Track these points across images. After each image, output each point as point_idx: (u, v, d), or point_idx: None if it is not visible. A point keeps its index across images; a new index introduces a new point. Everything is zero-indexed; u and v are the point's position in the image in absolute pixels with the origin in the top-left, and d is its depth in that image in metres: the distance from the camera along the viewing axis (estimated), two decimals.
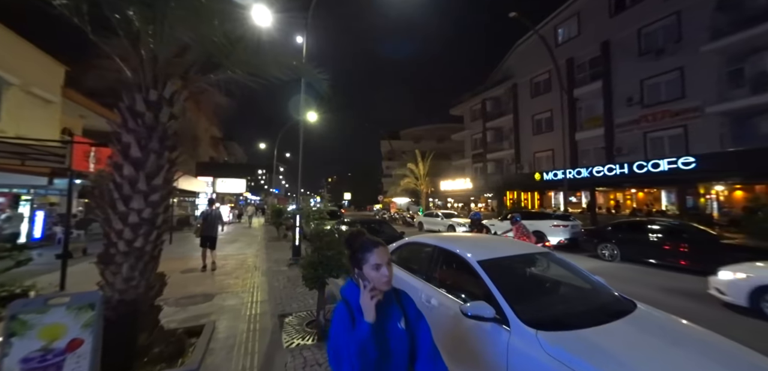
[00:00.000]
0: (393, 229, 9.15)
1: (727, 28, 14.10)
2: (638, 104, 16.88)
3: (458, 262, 3.23)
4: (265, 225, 22.60)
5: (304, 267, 4.52)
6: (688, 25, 15.15)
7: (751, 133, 13.71)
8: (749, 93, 13.64)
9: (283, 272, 7.73)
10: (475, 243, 3.59)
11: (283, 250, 11.11)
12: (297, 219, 8.50)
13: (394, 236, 8.20)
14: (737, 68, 14.18)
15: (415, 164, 29.56)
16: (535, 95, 23.49)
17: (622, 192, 18.44)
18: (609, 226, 10.11)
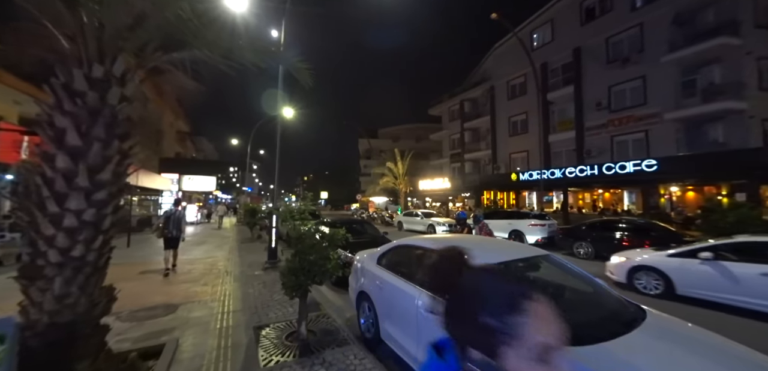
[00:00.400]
0: (375, 230, 8.83)
1: (682, 41, 15.28)
2: (606, 109, 17.86)
3: None
4: (238, 225, 21.37)
5: (284, 274, 4.08)
6: (650, 36, 16.22)
7: (702, 139, 14.97)
8: (700, 102, 14.86)
9: (258, 276, 7.15)
10: (475, 246, 3.37)
11: (257, 252, 10.40)
12: (273, 219, 7.92)
13: (377, 237, 7.88)
14: (691, 79, 15.39)
15: (394, 163, 29.43)
16: (512, 97, 24.20)
17: (591, 192, 19.50)
18: (583, 225, 10.49)
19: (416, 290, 3.19)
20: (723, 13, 14.50)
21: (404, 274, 3.55)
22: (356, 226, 8.38)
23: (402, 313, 3.35)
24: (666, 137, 15.49)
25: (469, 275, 0.72)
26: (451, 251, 0.81)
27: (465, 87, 30.09)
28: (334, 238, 4.38)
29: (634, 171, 14.26)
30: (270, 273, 7.41)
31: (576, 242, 10.28)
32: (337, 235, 4.39)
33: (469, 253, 0.77)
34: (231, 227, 20.49)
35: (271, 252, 7.95)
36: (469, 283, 0.70)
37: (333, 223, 7.94)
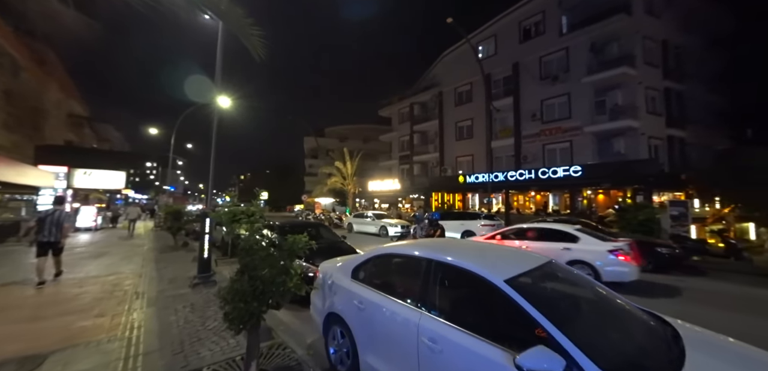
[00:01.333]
0: (332, 234, 7.87)
1: (596, 67, 17.87)
2: (539, 120, 19.90)
3: (469, 281, 2.40)
4: (156, 231, 17.81)
5: (227, 299, 3.00)
6: (574, 59, 18.59)
7: (609, 150, 17.69)
8: (608, 119, 17.53)
9: (183, 297, 5.60)
10: (478, 253, 2.84)
11: (182, 263, 8.46)
12: (206, 223, 6.37)
13: (337, 243, 6.99)
14: (601, 99, 18.08)
15: (343, 163, 28.40)
16: (459, 103, 25.44)
17: (525, 195, 21.53)
18: (525, 225, 11.16)
19: (415, 312, 2.51)
20: (624, 48, 17.38)
21: (395, 292, 2.84)
22: (311, 230, 7.33)
23: (394, 343, 2.63)
24: (585, 147, 17.89)
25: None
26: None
27: (415, 91, 30.70)
28: (295, 247, 3.44)
29: (563, 176, 16.06)
30: (201, 291, 5.90)
31: (520, 241, 10.86)
32: (298, 243, 3.46)
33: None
34: (146, 233, 16.93)
35: (202, 264, 6.38)
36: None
37: (281, 227, 6.77)
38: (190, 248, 10.94)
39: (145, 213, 31.14)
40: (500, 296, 2.12)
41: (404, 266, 3.00)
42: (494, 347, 1.95)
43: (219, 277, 6.81)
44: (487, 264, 2.43)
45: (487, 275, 2.25)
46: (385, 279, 3.10)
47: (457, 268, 2.46)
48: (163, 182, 49.76)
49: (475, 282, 2.32)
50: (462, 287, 2.50)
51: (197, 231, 14.60)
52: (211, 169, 6.61)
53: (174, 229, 11.09)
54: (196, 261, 7.94)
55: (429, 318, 2.39)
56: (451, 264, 2.52)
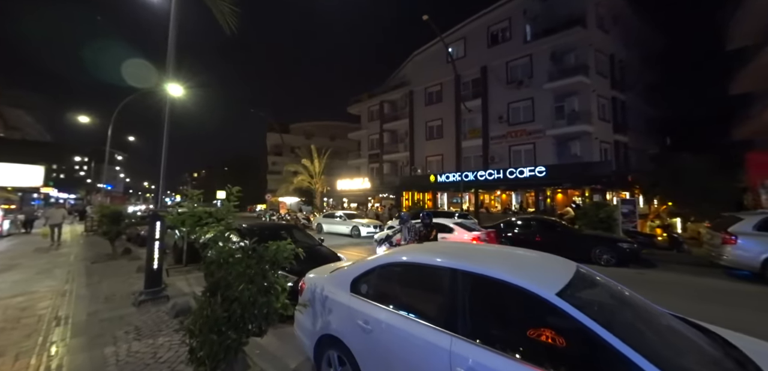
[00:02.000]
0: (309, 237, 7.14)
1: (556, 74, 19.12)
2: (506, 123, 20.77)
3: (510, 296, 2.02)
4: (88, 236, 15.22)
5: (194, 331, 2.29)
6: (537, 66, 19.68)
7: (567, 153, 19.04)
8: (566, 124, 18.86)
9: (125, 319, 4.54)
10: (510, 259, 2.48)
11: (123, 276, 7.08)
12: (157, 227, 5.27)
13: (316, 248, 6.31)
14: (560, 105, 19.39)
15: (310, 161, 27.14)
16: (429, 103, 25.66)
17: (491, 194, 22.39)
18: (501, 223, 11.42)
19: (444, 336, 2.06)
20: (579, 58, 18.81)
21: (413, 310, 2.36)
22: (282, 234, 6.52)
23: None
24: (547, 149, 19.04)
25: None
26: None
27: (385, 89, 30.43)
28: (278, 256, 2.82)
29: (529, 176, 16.88)
30: (149, 310, 4.85)
31: (497, 238, 11.05)
32: (282, 251, 2.84)
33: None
34: (75, 240, 14.37)
35: (151, 276, 5.27)
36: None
37: (251, 231, 5.91)
38: (133, 256, 9.34)
39: (73, 216, 26.89)
40: (554, 313, 1.77)
41: (421, 277, 2.53)
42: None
43: (172, 291, 5.75)
44: (530, 274, 2.07)
45: (535, 289, 1.88)
46: (397, 294, 2.61)
47: (494, 281, 2.06)
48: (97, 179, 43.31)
49: (518, 296, 1.95)
50: (501, 303, 2.11)
51: (143, 236, 12.71)
52: (163, 163, 5.51)
53: (112, 234, 9.36)
54: (141, 272, 6.72)
55: (465, 344, 1.96)
56: (485, 276, 2.11)
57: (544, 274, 2.14)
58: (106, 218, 9.47)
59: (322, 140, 43.51)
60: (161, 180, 5.54)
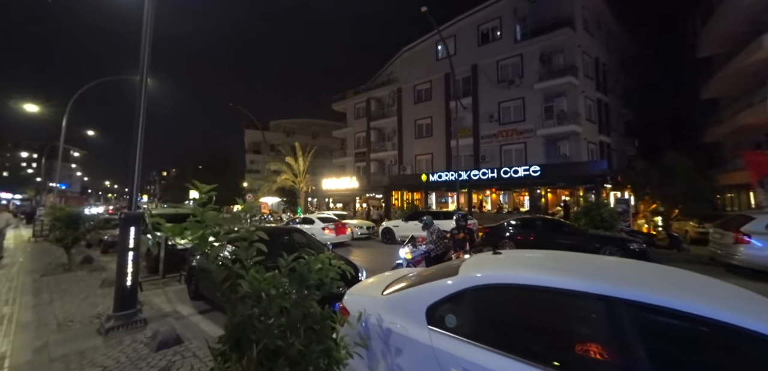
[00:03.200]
0: (318, 243, 6.19)
1: (546, 75, 19.34)
2: (496, 122, 20.74)
3: (719, 338, 1.38)
4: (36, 243, 13.17)
5: None
6: (527, 66, 19.79)
7: (556, 152, 19.31)
8: (556, 124, 19.13)
9: (88, 356, 3.48)
10: (694, 284, 1.85)
11: (82, 294, 5.82)
12: (130, 233, 4.18)
13: None
14: (550, 105, 19.64)
15: (294, 159, 25.75)
16: (418, 101, 25.22)
17: (479, 194, 22.32)
18: (503, 223, 11.09)
19: None
20: (568, 59, 19.12)
21: (544, 357, 1.66)
22: (285, 239, 5.59)
23: None
24: (537, 149, 19.19)
25: None
26: None
27: (371, 86, 29.68)
28: (324, 276, 2.04)
29: (523, 175, 16.84)
30: (122, 343, 3.79)
31: (500, 241, 10.71)
32: (327, 270, 2.06)
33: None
34: (21, 248, 12.35)
35: (123, 295, 4.18)
36: None
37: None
38: (95, 267, 7.92)
39: (18, 218, 23.73)
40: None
41: (556, 307, 1.82)
42: None
43: (149, 310, 4.70)
44: (732, 304, 1.44)
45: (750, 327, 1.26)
46: (515, 331, 1.89)
47: (689, 317, 1.41)
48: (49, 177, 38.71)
49: (731, 338, 1.32)
50: (701, 350, 1.46)
51: (107, 241, 11.05)
52: (138, 157, 4.42)
53: (69, 240, 7.85)
54: (107, 287, 5.54)
55: None
56: (681, 313, 1.44)
57: (751, 305, 1.52)
58: (60, 222, 7.94)
59: (303, 138, 41.84)
60: (136, 177, 4.45)
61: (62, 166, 24.67)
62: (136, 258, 4.26)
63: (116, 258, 4.29)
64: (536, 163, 18.22)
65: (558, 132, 18.76)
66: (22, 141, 66.40)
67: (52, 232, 8.07)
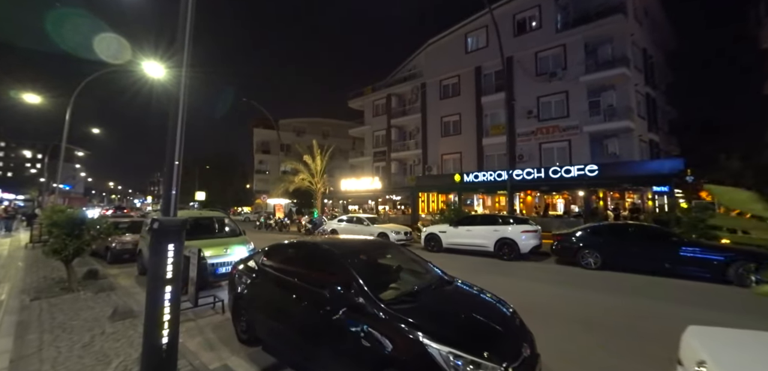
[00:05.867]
0: (424, 264, 4.38)
1: (594, 66, 17.63)
2: (535, 118, 19.03)
3: None
4: (33, 249, 11.58)
5: None
6: (571, 57, 18.09)
7: (602, 151, 17.55)
8: (603, 120, 17.39)
9: None
10: None
11: (86, 331, 4.16)
12: (167, 254, 2.53)
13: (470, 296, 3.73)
14: (596, 100, 17.91)
15: (312, 158, 24.14)
16: (444, 97, 23.57)
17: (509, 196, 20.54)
18: (578, 231, 9.38)
19: None
20: (617, 50, 17.37)
21: None
22: (383, 263, 3.82)
23: None
24: (583, 147, 17.44)
25: None
26: None
27: (391, 81, 28.08)
28: None
29: (577, 175, 15.09)
30: None
31: (580, 250, 8.99)
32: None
33: None
34: (14, 256, 10.75)
35: (157, 364, 2.52)
36: None
37: (354, 264, 3.19)
38: (101, 286, 6.24)
39: (18, 220, 22.25)
40: None
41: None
42: None
43: (187, 368, 3.03)
44: None
45: None
46: None
47: None
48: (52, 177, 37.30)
49: None
50: None
51: (116, 250, 9.41)
52: (177, 147, 2.78)
53: (69, 252, 6.21)
54: (120, 320, 3.93)
55: None
56: None
57: None
58: (58, 229, 6.31)
59: (314, 137, 40.31)
60: (175, 169, 2.78)
61: (65, 166, 23.15)
62: (177, 296, 2.59)
63: (124, 268, 2.62)
64: (581, 162, 16.45)
65: (607, 129, 17.03)
66: (26, 140, 65.48)
67: (48, 242, 6.43)
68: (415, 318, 2.42)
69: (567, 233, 9.73)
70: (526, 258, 10.11)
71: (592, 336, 4.23)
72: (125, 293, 6.06)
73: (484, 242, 10.67)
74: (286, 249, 4.07)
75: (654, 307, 5.47)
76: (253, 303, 3.81)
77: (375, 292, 2.72)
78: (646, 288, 6.77)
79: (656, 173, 13.33)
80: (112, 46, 17.94)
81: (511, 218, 11.24)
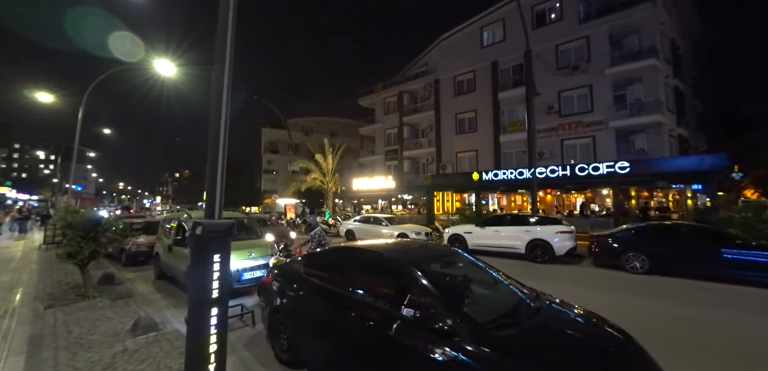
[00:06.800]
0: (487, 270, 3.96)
1: (619, 58, 16.79)
2: (556, 114, 18.26)
3: None
4: (47, 250, 11.32)
5: None
6: (595, 49, 17.28)
7: (628, 147, 16.70)
8: (629, 114, 16.54)
9: None
10: None
11: (107, 351, 3.69)
12: (210, 265, 2.04)
13: None
14: (621, 94, 17.06)
15: (324, 157, 23.71)
16: (459, 93, 22.89)
17: (519, 195, 19.80)
18: (631, 230, 8.69)
19: None
20: (645, 40, 16.48)
21: None
22: (455, 272, 3.30)
23: None
24: (608, 143, 16.64)
25: None
26: None
27: (402, 78, 27.48)
28: None
29: (606, 173, 14.33)
30: None
31: (624, 252, 8.31)
32: None
33: None
34: (29, 258, 10.47)
35: None
36: None
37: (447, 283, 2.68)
38: (118, 292, 5.80)
39: (33, 220, 22.26)
40: None
41: None
42: None
43: None
44: None
45: None
46: None
47: None
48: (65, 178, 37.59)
49: None
50: None
51: (132, 253, 9.03)
52: (222, 130, 2.28)
53: (85, 256, 5.80)
54: (141, 334, 3.46)
55: None
56: None
57: None
58: (73, 231, 5.91)
59: (322, 136, 39.91)
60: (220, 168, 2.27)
61: (77, 167, 23.13)
62: (224, 320, 2.08)
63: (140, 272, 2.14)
64: (606, 159, 15.64)
65: (635, 124, 16.19)
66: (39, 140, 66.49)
67: (63, 244, 6.03)
68: (532, 350, 1.87)
69: (606, 235, 9.07)
70: (560, 261, 9.46)
71: (688, 356, 3.61)
72: (144, 300, 5.62)
73: (515, 243, 10.05)
74: (334, 256, 3.55)
75: (736, 319, 4.81)
76: (295, 319, 3.29)
77: (466, 313, 2.17)
78: (711, 295, 6.10)
79: (695, 170, 12.49)
80: (126, 44, 17.73)
81: (544, 218, 10.60)
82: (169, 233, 7.21)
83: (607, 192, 17.36)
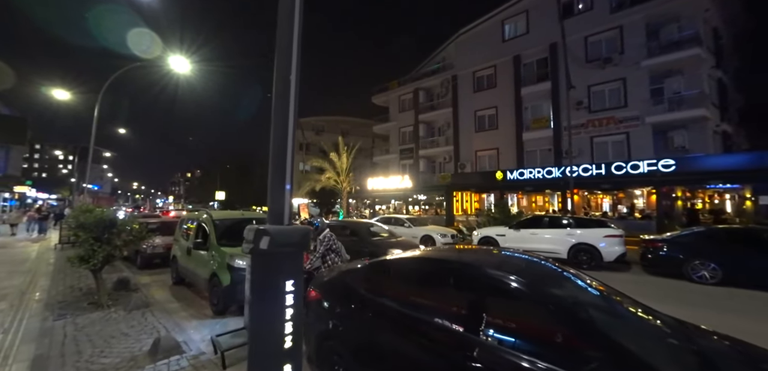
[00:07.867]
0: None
1: (658, 49, 15.65)
2: (585, 109, 17.20)
3: None
4: (62, 250, 10.99)
5: None
6: (629, 39, 16.16)
7: (666, 144, 15.53)
8: (667, 109, 15.38)
9: None
10: None
11: (122, 367, 3.08)
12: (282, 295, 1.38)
13: None
14: (658, 87, 15.91)
15: (338, 156, 23.15)
16: (479, 89, 21.98)
17: (542, 195, 18.81)
18: (694, 235, 7.74)
19: None
20: (686, 28, 15.31)
21: None
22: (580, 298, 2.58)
23: None
24: (644, 140, 15.52)
25: None
26: None
27: (418, 75, 26.70)
28: None
29: (647, 172, 13.29)
30: None
31: (688, 260, 7.37)
32: None
33: None
34: (43, 259, 10.14)
35: None
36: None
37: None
38: (135, 301, 5.22)
39: (50, 220, 22.25)
40: None
41: None
42: None
43: None
44: None
45: None
46: None
47: None
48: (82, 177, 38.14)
49: None
50: None
51: (147, 254, 8.55)
52: (292, 108, 1.68)
53: (98, 260, 5.26)
54: (163, 357, 2.82)
55: None
56: None
57: None
58: (86, 232, 5.38)
59: (333, 135, 39.47)
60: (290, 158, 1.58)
61: (93, 167, 23.10)
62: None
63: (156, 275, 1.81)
64: (642, 157, 14.56)
65: (675, 119, 15.03)
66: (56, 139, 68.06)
67: (76, 245, 5.51)
68: None
69: (663, 239, 8.13)
70: (607, 268, 8.56)
71: None
72: (163, 311, 5.04)
73: (555, 247, 9.18)
74: (407, 269, 2.83)
75: None
76: (357, 352, 2.59)
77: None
78: None
79: (757, 168, 11.32)
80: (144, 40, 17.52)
81: (587, 220, 9.69)
82: (187, 235, 6.65)
83: (641, 193, 16.28)
